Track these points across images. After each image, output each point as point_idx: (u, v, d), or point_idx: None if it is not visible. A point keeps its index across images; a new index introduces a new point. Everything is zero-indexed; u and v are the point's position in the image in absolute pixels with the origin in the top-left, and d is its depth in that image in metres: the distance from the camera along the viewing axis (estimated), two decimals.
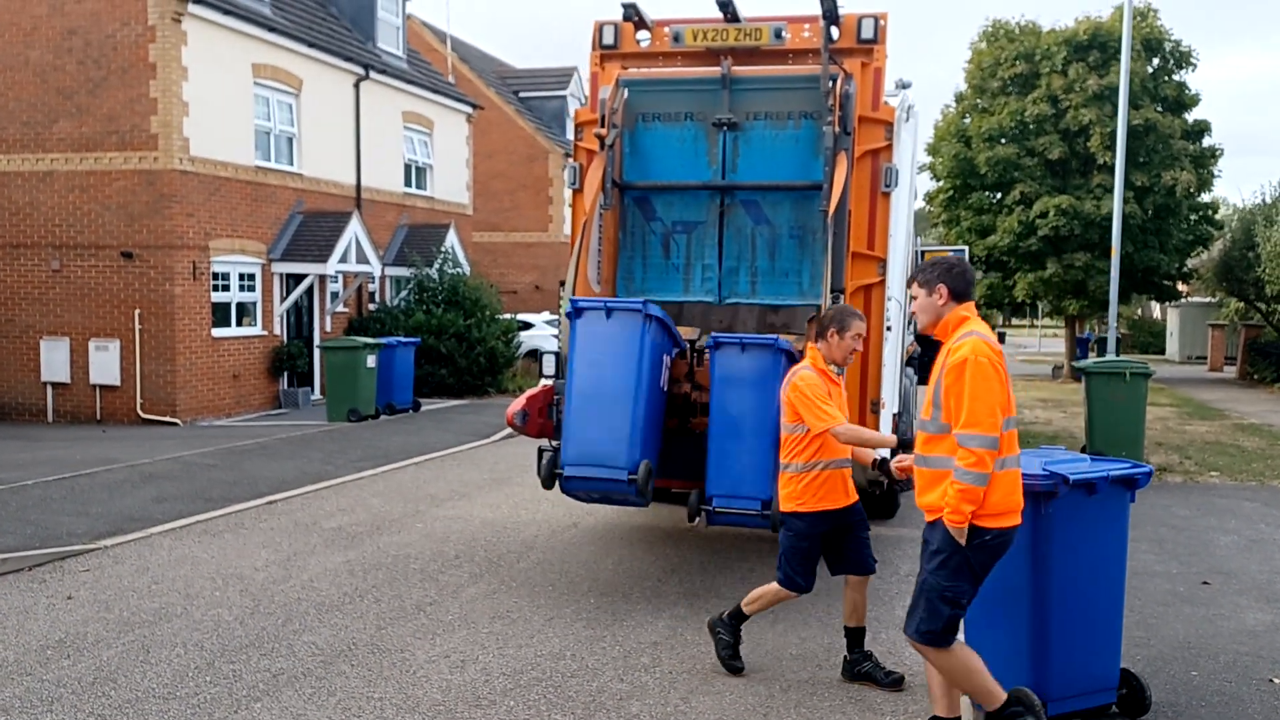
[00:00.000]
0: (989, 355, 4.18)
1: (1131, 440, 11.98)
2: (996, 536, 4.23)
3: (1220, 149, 25.74)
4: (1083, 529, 4.74)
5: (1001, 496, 4.21)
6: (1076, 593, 4.76)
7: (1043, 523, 4.63)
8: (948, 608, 4.26)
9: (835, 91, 7.28)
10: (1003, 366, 4.23)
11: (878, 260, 7.70)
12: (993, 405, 4.13)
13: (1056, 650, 4.73)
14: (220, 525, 8.92)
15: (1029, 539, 4.64)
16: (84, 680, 5.34)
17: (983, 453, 4.11)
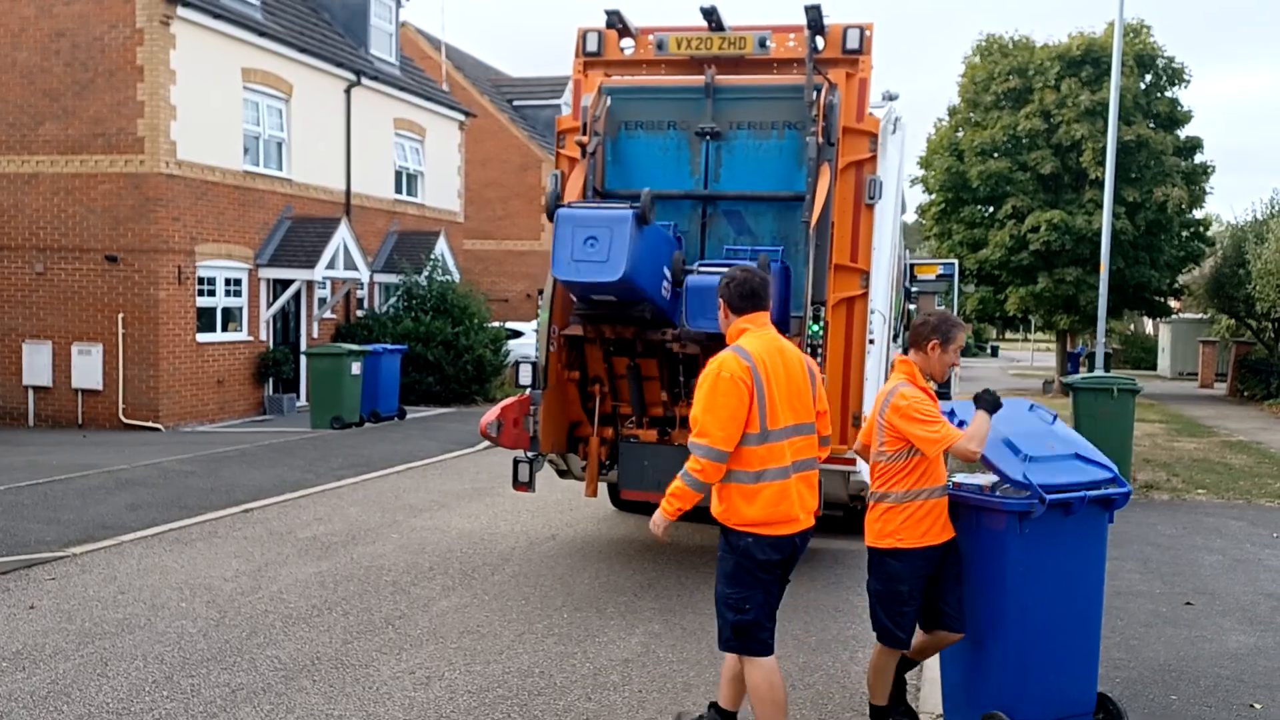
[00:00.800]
0: (734, 371, 4.23)
1: (1118, 457, 11.84)
2: (758, 541, 4.28)
3: (1212, 165, 25.77)
4: (1059, 549, 4.64)
5: (761, 509, 4.27)
6: (1054, 613, 4.66)
7: (1019, 542, 4.53)
8: (731, 613, 4.35)
9: (819, 102, 7.20)
10: (749, 382, 4.23)
11: (860, 272, 7.61)
12: (726, 420, 4.19)
13: (1034, 672, 4.63)
14: (193, 534, 8.78)
15: (1007, 558, 4.54)
16: (37, 694, 5.21)
17: (706, 463, 4.22)
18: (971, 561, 4.69)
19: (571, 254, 6.46)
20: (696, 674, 5.72)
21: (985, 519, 4.64)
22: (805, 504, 4.41)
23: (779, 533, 4.30)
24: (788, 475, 4.31)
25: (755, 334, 4.42)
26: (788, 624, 6.61)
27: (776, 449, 4.28)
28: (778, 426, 4.29)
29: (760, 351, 4.31)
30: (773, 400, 4.27)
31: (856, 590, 7.49)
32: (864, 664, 5.91)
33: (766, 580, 4.33)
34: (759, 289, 4.46)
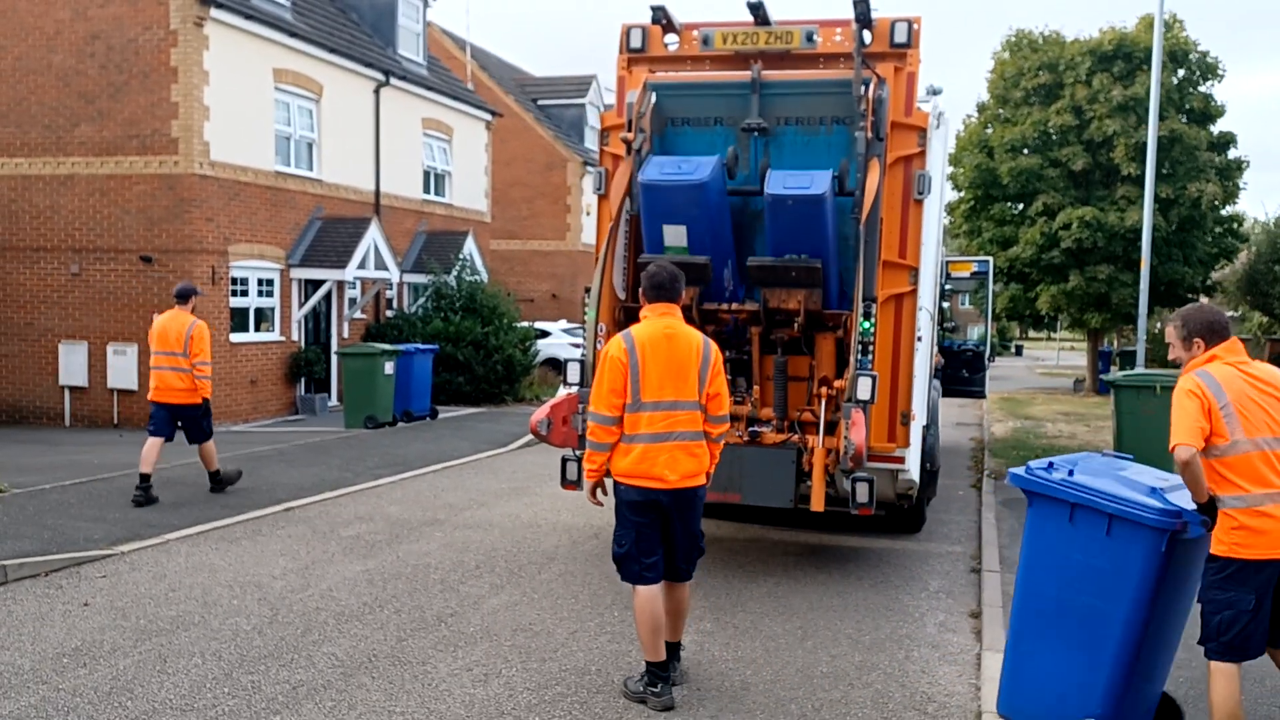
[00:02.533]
0: (614, 353, 5.15)
1: (1161, 455, 11.68)
2: (627, 490, 5.16)
3: (1246, 161, 25.46)
4: (1184, 568, 4.57)
5: (630, 464, 5.13)
6: (1164, 627, 4.63)
7: (1156, 561, 4.38)
8: (615, 547, 5.30)
9: (868, 96, 7.14)
10: (625, 361, 5.10)
11: (909, 269, 7.54)
12: (606, 392, 5.13)
13: (1134, 681, 4.57)
14: (238, 532, 8.81)
15: (1136, 573, 4.40)
16: (100, 690, 5.23)
17: (593, 425, 5.20)
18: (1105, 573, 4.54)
19: (660, 170, 7.21)
20: (753, 672, 5.68)
21: (1128, 530, 4.43)
22: (677, 467, 5.13)
23: (642, 484, 5.10)
24: (658, 440, 5.10)
25: (650, 321, 5.26)
26: (840, 623, 6.59)
27: (646, 417, 5.10)
28: (649, 399, 5.10)
29: (643, 336, 5.18)
30: (646, 377, 5.10)
31: (905, 589, 7.46)
32: (920, 663, 5.88)
33: (637, 523, 5.16)
34: (665, 283, 5.28)
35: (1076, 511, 4.50)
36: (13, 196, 16.51)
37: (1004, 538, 8.99)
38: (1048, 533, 4.64)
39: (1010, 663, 4.84)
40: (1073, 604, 4.58)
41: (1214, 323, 4.53)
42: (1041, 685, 4.68)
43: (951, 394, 13.74)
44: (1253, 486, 4.24)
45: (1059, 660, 4.62)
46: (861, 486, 6.74)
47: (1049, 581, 4.66)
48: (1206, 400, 4.26)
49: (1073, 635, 4.58)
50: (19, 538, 8.07)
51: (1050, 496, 4.57)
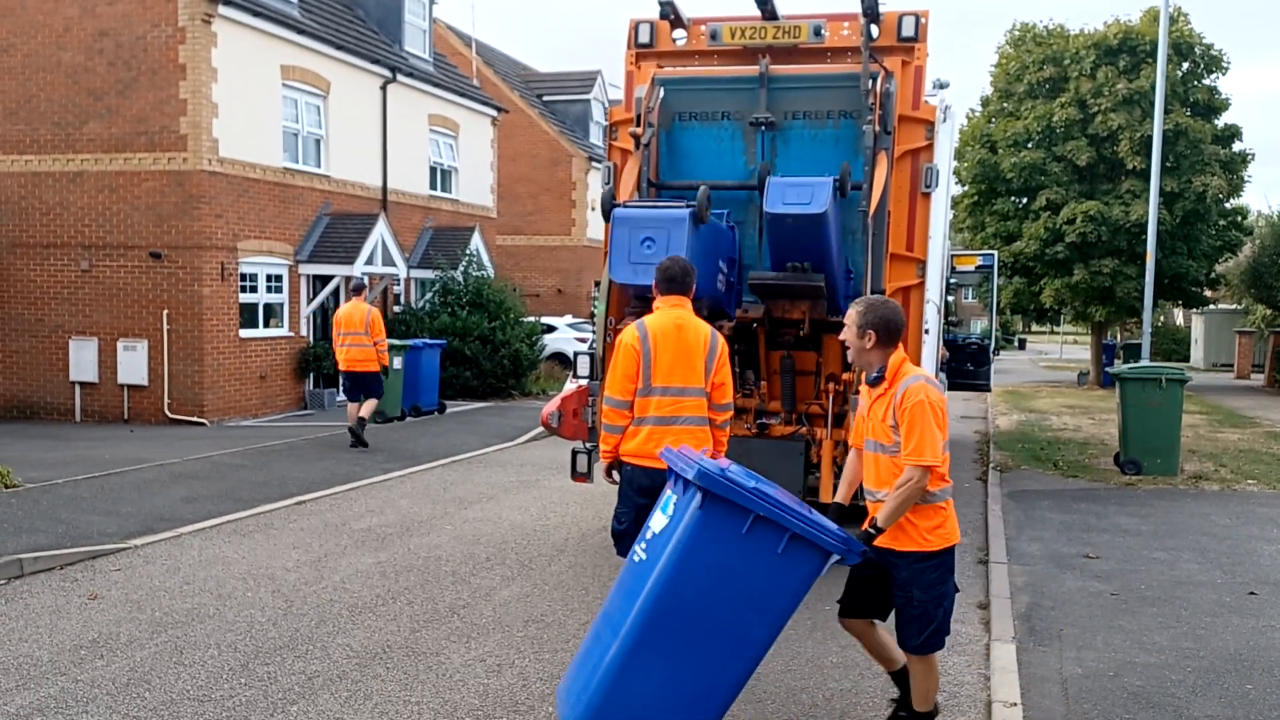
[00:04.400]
0: (628, 340, 5.47)
1: (1166, 448, 11.79)
2: (632, 470, 5.49)
3: (1251, 153, 25.39)
4: None
5: (637, 444, 5.45)
6: None
7: (811, 582, 4.29)
8: (614, 523, 5.72)
9: (875, 90, 7.17)
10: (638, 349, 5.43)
11: (917, 261, 7.59)
12: (620, 377, 5.47)
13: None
14: (250, 525, 8.88)
15: (791, 592, 4.24)
16: (118, 681, 5.30)
17: (607, 409, 5.53)
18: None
19: (629, 255, 6.45)
20: (763, 663, 5.72)
21: (802, 550, 4.20)
22: None
23: (648, 465, 5.36)
24: (664, 424, 5.42)
25: (661, 312, 5.54)
26: None
27: (655, 401, 5.42)
28: (659, 384, 5.42)
29: (655, 326, 5.48)
30: (657, 363, 5.41)
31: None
32: None
33: (639, 503, 5.40)
34: (677, 276, 5.55)
35: (757, 523, 4.11)
36: (23, 193, 16.58)
37: (1010, 530, 9.04)
38: (715, 539, 4.14)
39: (612, 672, 4.16)
40: (716, 616, 4.16)
41: (900, 322, 4.51)
42: (650, 698, 4.15)
43: (956, 388, 13.78)
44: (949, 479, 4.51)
45: (682, 673, 4.16)
46: None
47: (697, 590, 4.16)
48: (939, 409, 4.38)
49: (705, 648, 4.15)
50: (33, 531, 8.14)
51: (733, 502, 4.09)
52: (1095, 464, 12.78)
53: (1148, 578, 7.49)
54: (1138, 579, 7.45)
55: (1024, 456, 13.40)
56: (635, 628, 4.15)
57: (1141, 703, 5.13)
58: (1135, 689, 5.31)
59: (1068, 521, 9.43)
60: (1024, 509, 10.00)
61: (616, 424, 5.50)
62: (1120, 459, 12.11)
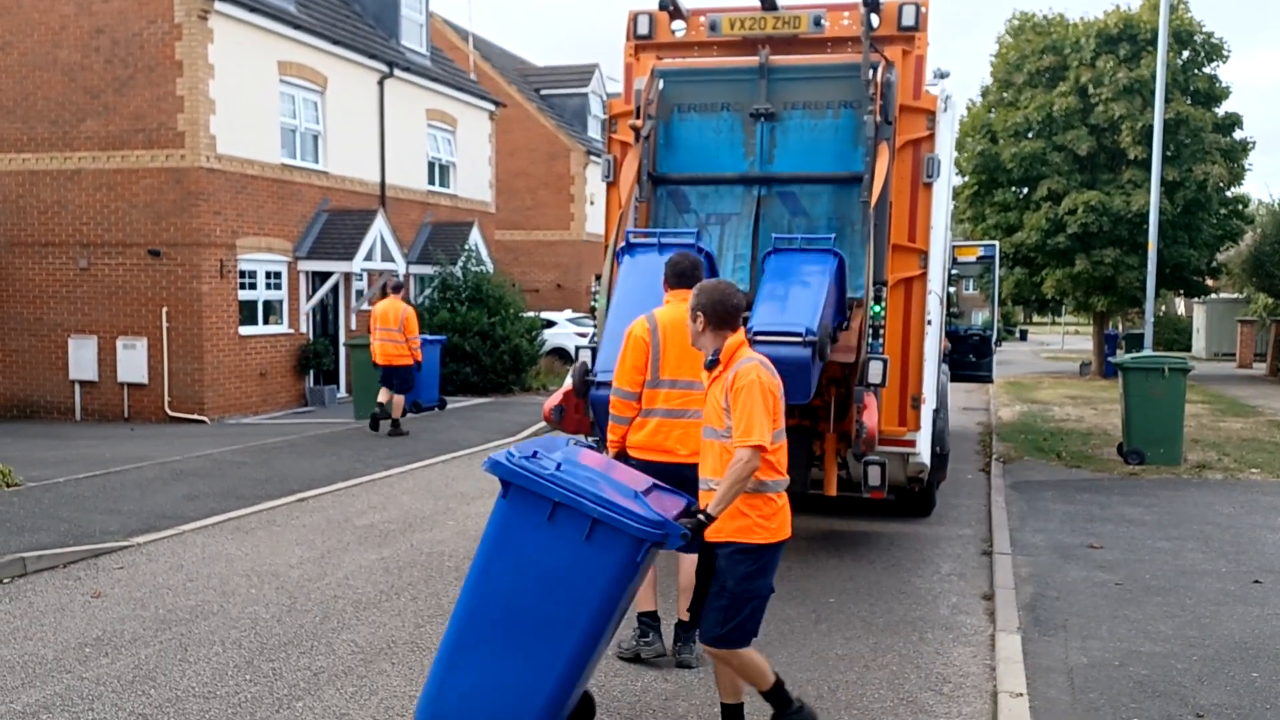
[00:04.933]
0: (638, 332, 5.47)
1: (1169, 437, 11.78)
2: (640, 465, 5.27)
3: (1252, 142, 25.32)
4: (638, 577, 4.36)
5: (645, 437, 5.43)
6: (608, 633, 4.33)
7: (629, 570, 4.13)
8: None
9: (876, 80, 7.14)
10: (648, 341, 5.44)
11: (919, 252, 7.57)
12: (630, 368, 5.46)
13: (573, 688, 4.32)
14: (253, 522, 8.87)
15: (606, 581, 4.10)
16: (123, 678, 5.29)
17: (615, 400, 5.52)
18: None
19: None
20: (768, 655, 5.69)
21: (609, 536, 4.07)
22: (688, 443, 5.27)
23: (653, 458, 5.34)
24: (672, 416, 5.40)
25: (673, 305, 5.54)
26: (853, 606, 6.63)
27: (663, 394, 5.42)
28: (667, 377, 5.42)
29: (665, 319, 5.49)
30: (665, 356, 5.42)
31: (917, 573, 7.50)
32: (934, 645, 5.92)
33: None
34: (687, 271, 5.58)
35: (559, 510, 4.03)
36: (20, 192, 16.55)
37: (1014, 520, 9.03)
38: (519, 529, 4.11)
39: (440, 671, 4.22)
40: (531, 609, 4.10)
41: (730, 304, 4.39)
42: (475, 696, 4.15)
43: (959, 379, 13.76)
44: (784, 471, 4.37)
45: (503, 669, 4.12)
46: (873, 470, 6.78)
47: (508, 583, 4.13)
48: (771, 391, 4.25)
49: (524, 642, 4.10)
50: (36, 530, 8.13)
51: (532, 490, 4.03)
52: (1098, 454, 12.77)
53: (1152, 567, 7.48)
54: (1142, 568, 7.45)
55: (1027, 447, 13.39)
56: (455, 624, 4.22)
57: (1147, 691, 5.12)
58: (1141, 678, 5.30)
59: (1071, 512, 9.42)
60: (1027, 500, 9.98)
61: (624, 415, 5.49)
62: (1123, 449, 12.09)
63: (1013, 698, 5.02)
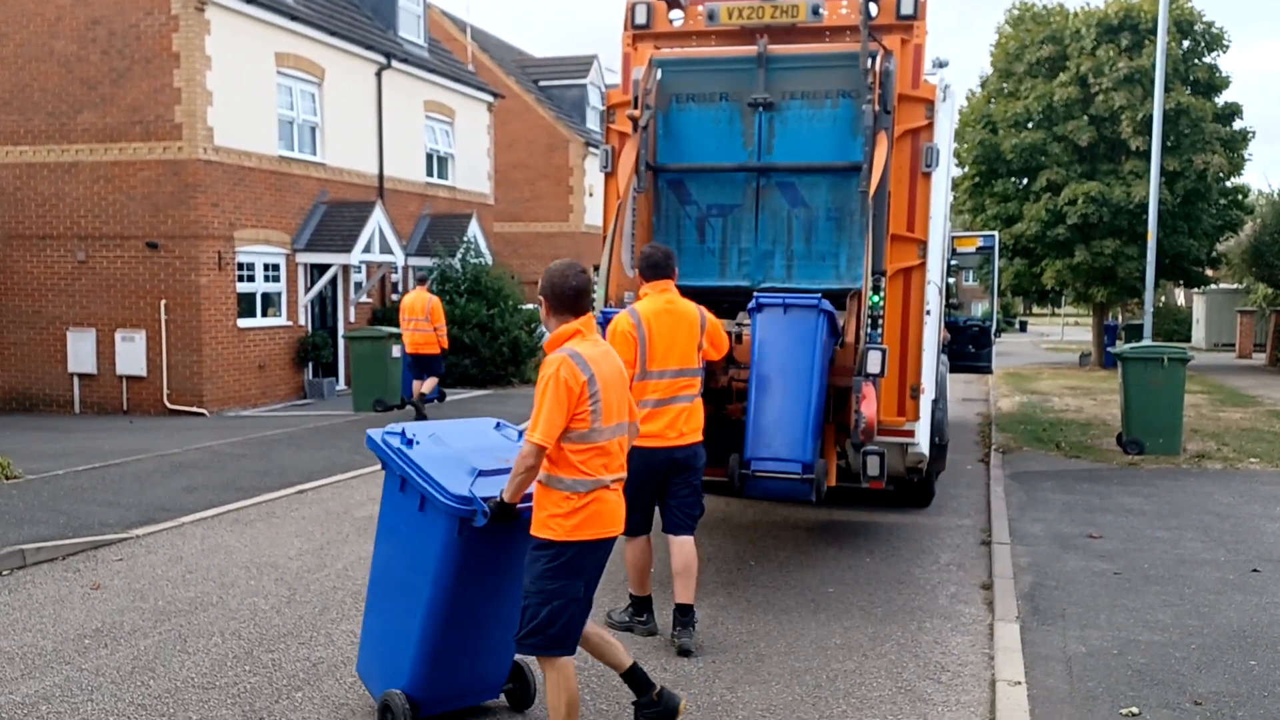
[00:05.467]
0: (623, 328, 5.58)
1: (1169, 427, 11.77)
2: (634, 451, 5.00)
3: (1252, 131, 25.28)
4: (499, 553, 4.49)
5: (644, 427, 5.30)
6: (480, 606, 4.51)
7: (455, 542, 4.32)
8: None
9: (874, 69, 7.11)
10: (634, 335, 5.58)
11: (918, 242, 7.54)
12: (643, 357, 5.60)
13: (448, 656, 4.55)
14: (252, 514, 8.87)
15: (436, 552, 4.35)
16: (123, 669, 5.29)
17: None
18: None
19: None
20: (767, 645, 5.73)
21: (431, 510, 4.37)
22: (677, 425, 5.61)
23: (649, 445, 5.41)
24: (662, 405, 5.57)
25: (651, 298, 5.75)
26: (852, 596, 6.64)
27: (652, 384, 5.55)
28: (655, 369, 5.57)
29: (648, 311, 5.65)
30: (653, 348, 5.57)
31: (916, 562, 7.51)
32: (933, 634, 5.93)
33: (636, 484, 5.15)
34: (661, 262, 5.82)
35: (407, 483, 4.40)
36: (18, 184, 16.52)
37: (1013, 510, 9.03)
38: (388, 501, 4.60)
39: (363, 625, 4.82)
40: (396, 574, 4.54)
41: (567, 287, 4.16)
42: (373, 651, 4.70)
43: (958, 370, 13.76)
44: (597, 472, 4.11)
45: (385, 628, 4.60)
46: (872, 460, 6.77)
47: (384, 548, 4.65)
48: (567, 386, 4.01)
49: (395, 605, 4.52)
50: (35, 523, 8.13)
51: (388, 465, 4.49)
52: (1098, 444, 12.77)
53: (1151, 556, 7.49)
54: (1141, 558, 7.45)
55: (1026, 438, 13.39)
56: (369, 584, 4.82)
57: (1145, 680, 5.13)
58: (1139, 666, 5.31)
59: (1070, 502, 9.42)
60: (1027, 490, 9.99)
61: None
62: (1123, 439, 12.09)
63: (1011, 686, 5.03)
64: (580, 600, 4.15)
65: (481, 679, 4.72)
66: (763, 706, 4.89)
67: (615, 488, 4.22)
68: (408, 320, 14.41)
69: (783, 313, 6.51)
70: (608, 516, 4.15)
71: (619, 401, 4.21)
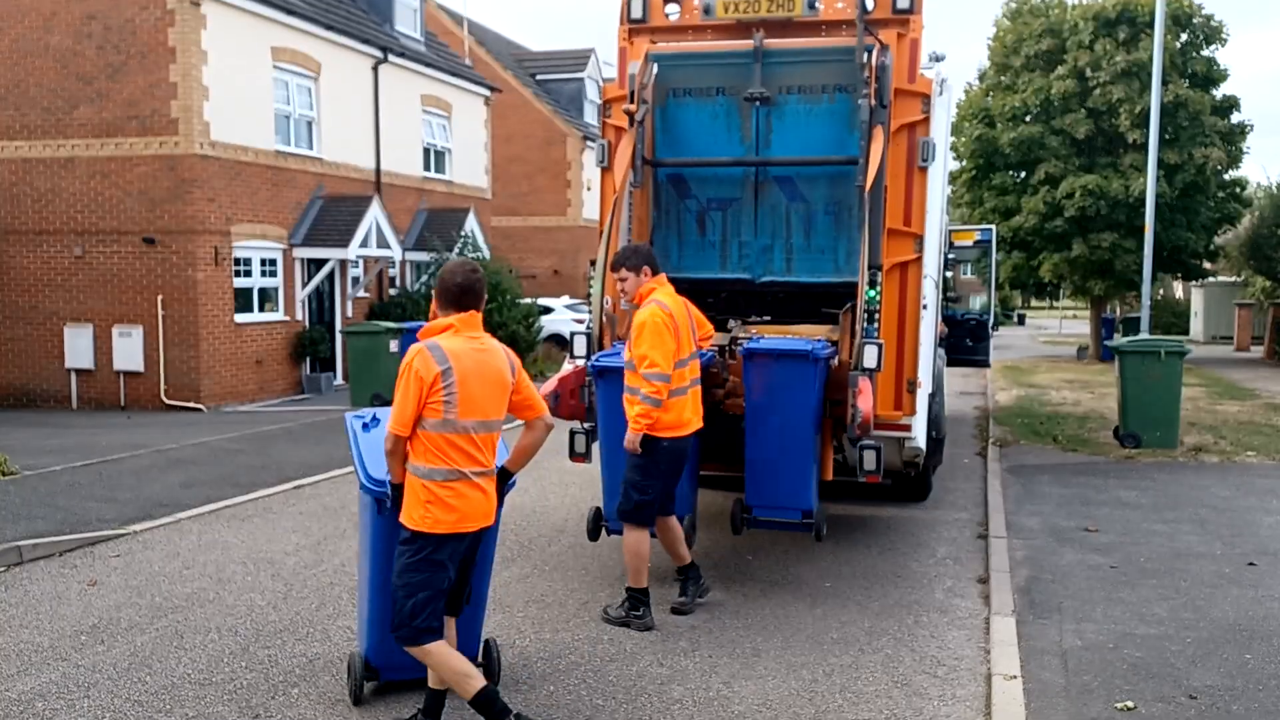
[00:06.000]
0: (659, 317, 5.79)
1: (1166, 420, 11.79)
2: (671, 442, 5.84)
3: (1250, 124, 25.25)
4: None
5: (674, 417, 5.82)
6: None
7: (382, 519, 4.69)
8: (636, 494, 5.83)
9: (871, 64, 7.09)
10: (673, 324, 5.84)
11: (914, 237, 7.52)
12: (671, 350, 5.78)
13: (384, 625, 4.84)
14: (249, 510, 8.87)
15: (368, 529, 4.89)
16: (119, 666, 5.30)
17: (660, 384, 5.70)
18: None
19: None
20: (764, 639, 5.74)
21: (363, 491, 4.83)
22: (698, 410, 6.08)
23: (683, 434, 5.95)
24: (681, 394, 5.86)
25: (664, 290, 6.01)
26: (849, 590, 6.65)
27: (676, 373, 5.84)
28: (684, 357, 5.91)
29: (673, 304, 5.96)
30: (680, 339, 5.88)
31: (913, 556, 7.51)
32: (929, 628, 5.94)
33: (668, 472, 5.91)
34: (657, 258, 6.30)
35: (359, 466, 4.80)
36: (14, 180, 16.49)
37: (1010, 504, 9.05)
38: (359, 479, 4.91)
39: None
40: (361, 545, 5.01)
41: (453, 283, 4.31)
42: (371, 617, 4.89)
43: (956, 363, 13.76)
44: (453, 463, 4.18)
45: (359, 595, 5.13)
46: (869, 454, 6.77)
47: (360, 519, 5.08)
48: (418, 377, 4.14)
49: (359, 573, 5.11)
50: (32, 519, 8.14)
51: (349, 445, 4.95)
52: (1095, 438, 12.78)
53: (1147, 550, 7.50)
54: (1137, 551, 7.46)
55: (1023, 431, 13.40)
56: None
57: (1141, 673, 5.14)
58: (1135, 660, 5.32)
59: (1067, 495, 9.43)
60: (1023, 483, 10.00)
61: (661, 398, 5.75)
62: (1120, 432, 12.10)
63: (1007, 680, 5.04)
64: (445, 591, 4.26)
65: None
66: (759, 701, 4.90)
67: (478, 482, 4.24)
68: None
69: (774, 362, 6.44)
70: (466, 510, 4.20)
71: (485, 398, 4.25)
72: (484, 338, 4.37)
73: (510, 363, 4.40)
